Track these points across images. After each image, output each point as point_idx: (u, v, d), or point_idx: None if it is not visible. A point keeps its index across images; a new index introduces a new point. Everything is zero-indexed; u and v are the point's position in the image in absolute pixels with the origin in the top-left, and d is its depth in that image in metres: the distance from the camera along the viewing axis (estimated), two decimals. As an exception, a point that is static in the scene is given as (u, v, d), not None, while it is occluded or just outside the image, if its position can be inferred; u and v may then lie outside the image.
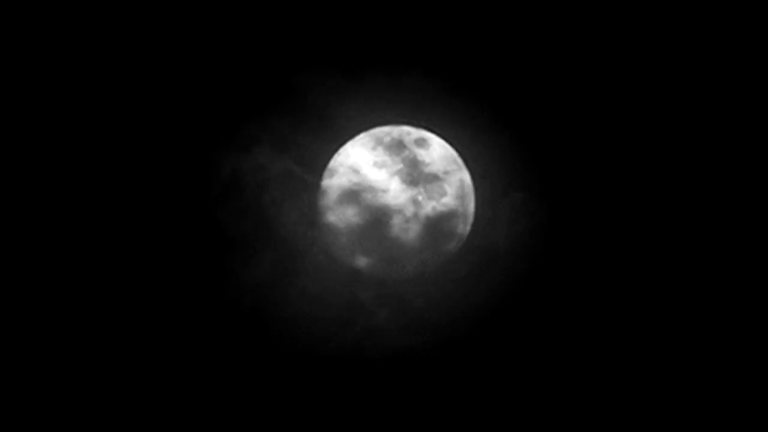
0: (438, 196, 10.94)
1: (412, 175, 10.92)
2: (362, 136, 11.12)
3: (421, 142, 11.11)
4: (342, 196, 10.85)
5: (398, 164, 10.94)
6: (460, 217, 11.06)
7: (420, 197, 10.88)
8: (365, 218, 10.76)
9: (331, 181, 10.94)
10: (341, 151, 11.07)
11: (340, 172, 10.93)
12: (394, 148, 11.00)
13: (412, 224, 10.80)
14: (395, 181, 10.88)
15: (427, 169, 10.98)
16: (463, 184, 11.14)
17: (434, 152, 11.11)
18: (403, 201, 10.83)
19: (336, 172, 10.95)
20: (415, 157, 11.00)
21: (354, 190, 10.82)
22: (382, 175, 10.88)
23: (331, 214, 10.88)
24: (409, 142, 11.06)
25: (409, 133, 11.15)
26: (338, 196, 10.86)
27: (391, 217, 10.75)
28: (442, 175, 11.02)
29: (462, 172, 11.18)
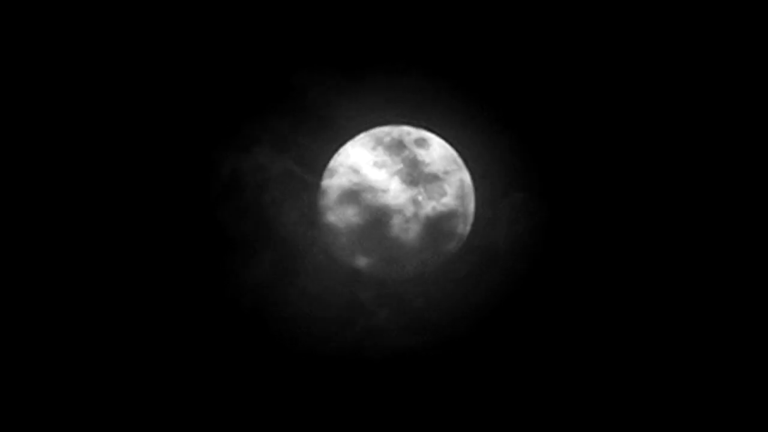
0: (438, 196, 10.94)
1: (412, 175, 10.92)
2: (362, 136, 11.12)
3: (421, 142, 11.10)
4: (342, 196, 10.84)
5: (398, 164, 10.94)
6: (460, 217, 11.06)
7: (420, 197, 10.88)
8: (365, 218, 10.76)
9: (331, 181, 10.94)
10: (341, 151, 11.07)
11: (340, 172, 10.93)
12: (394, 148, 11.00)
13: (412, 224, 10.80)
14: (395, 181, 10.87)
15: (427, 169, 10.98)
16: (463, 184, 11.13)
17: (434, 152, 11.11)
18: (403, 201, 10.83)
19: (336, 172, 10.94)
20: (415, 157, 11.00)
21: (354, 190, 10.82)
22: (382, 175, 10.88)
23: (331, 214, 10.88)
24: (409, 142, 11.05)
25: (409, 133, 11.15)
26: (338, 196, 10.86)
27: (391, 217, 10.75)
28: (442, 175, 11.02)
29: (462, 172, 11.18)
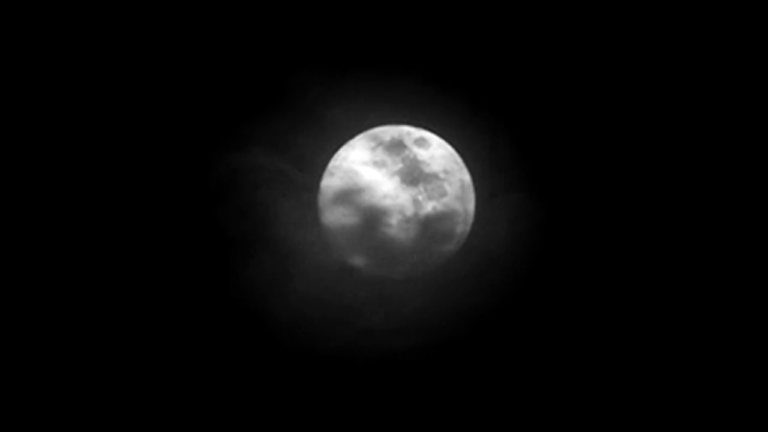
0: (438, 196, 10.93)
1: (412, 175, 10.91)
2: (362, 136, 11.11)
3: (421, 142, 11.09)
4: (341, 196, 10.84)
5: (398, 164, 10.93)
6: (460, 217, 11.04)
7: (420, 197, 10.87)
8: (364, 218, 10.75)
9: (330, 181, 10.93)
10: (340, 151, 11.06)
11: (339, 172, 10.92)
12: (394, 148, 10.99)
13: (412, 224, 10.78)
14: (395, 181, 10.87)
15: (427, 169, 10.97)
16: (463, 184, 11.12)
17: (434, 152, 11.10)
18: (403, 201, 10.82)
19: (335, 172, 10.93)
20: (415, 157, 10.99)
21: (353, 190, 10.81)
22: (382, 175, 10.88)
23: (330, 214, 10.87)
24: (409, 142, 11.05)
25: (409, 133, 11.14)
26: (337, 196, 10.85)
27: (390, 217, 10.74)
28: (442, 175, 11.01)
29: (462, 172, 11.17)
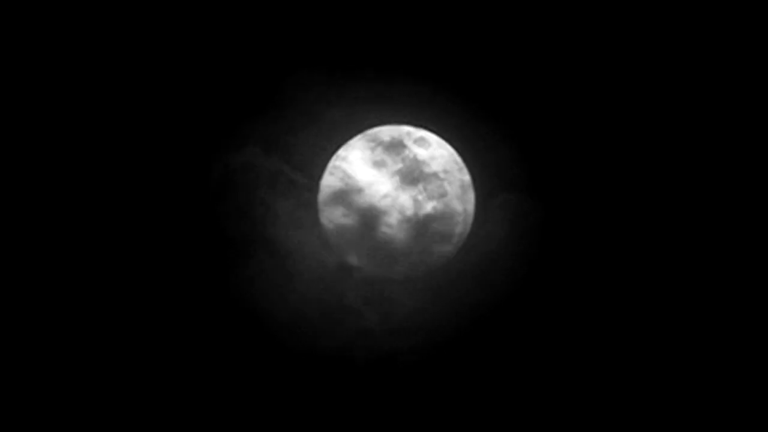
0: (438, 196, 10.94)
1: (412, 175, 10.92)
2: (361, 136, 11.12)
3: (421, 142, 11.10)
4: (341, 195, 10.85)
5: (398, 164, 10.95)
6: (460, 217, 11.05)
7: (420, 197, 10.88)
8: (364, 218, 10.77)
9: (330, 181, 10.94)
10: (340, 151, 11.07)
11: (338, 172, 10.93)
12: (394, 148, 11.01)
13: (411, 224, 10.80)
14: (395, 181, 10.88)
15: (427, 169, 10.98)
16: (463, 184, 11.13)
17: (434, 152, 11.11)
18: (403, 201, 10.83)
19: (334, 172, 10.94)
20: (415, 156, 11.00)
21: (353, 190, 10.83)
22: (382, 175, 10.89)
23: (330, 214, 10.88)
24: (409, 142, 11.06)
25: (409, 133, 11.15)
26: (337, 195, 10.86)
27: (390, 217, 10.75)
28: (442, 175, 11.02)
29: (462, 172, 11.17)
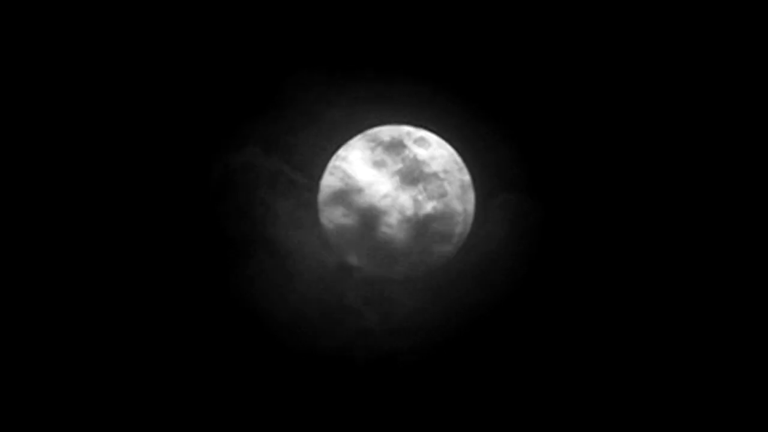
0: (438, 196, 10.95)
1: (412, 175, 10.93)
2: (361, 136, 11.12)
3: (421, 142, 11.11)
4: (341, 195, 10.85)
5: (398, 164, 10.95)
6: (460, 217, 11.06)
7: (420, 197, 10.89)
8: (364, 218, 10.77)
9: (330, 181, 10.94)
10: (340, 151, 11.07)
11: (338, 172, 10.93)
12: (394, 148, 11.01)
13: (411, 224, 10.80)
14: (395, 181, 10.88)
15: (427, 169, 10.99)
16: (463, 184, 11.13)
17: (434, 152, 11.11)
18: (403, 201, 10.84)
19: (334, 172, 10.95)
20: (415, 156, 11.00)
21: (353, 190, 10.83)
22: (382, 175, 10.89)
23: (330, 214, 10.88)
24: (409, 142, 11.06)
25: (409, 133, 11.15)
26: (337, 195, 10.87)
27: (390, 217, 10.76)
28: (442, 175, 11.02)
29: (462, 172, 11.18)
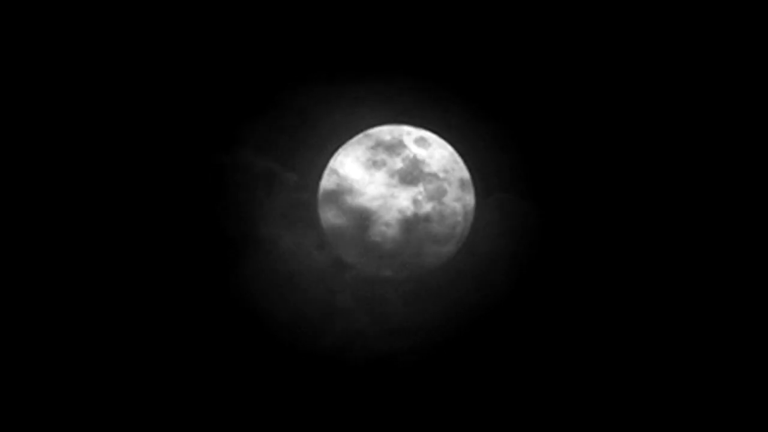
0: (437, 196, 10.96)
1: (411, 175, 10.93)
2: (361, 136, 11.14)
3: (421, 142, 11.12)
4: (339, 195, 10.86)
5: (398, 164, 10.96)
6: (459, 217, 11.06)
7: (420, 197, 10.89)
8: (362, 218, 10.78)
9: (329, 181, 10.96)
10: (341, 151, 11.09)
11: (337, 172, 10.95)
12: (394, 148, 11.02)
13: (410, 224, 10.81)
14: (394, 181, 10.89)
15: (426, 169, 11.00)
16: (462, 184, 11.14)
17: (434, 152, 11.12)
18: (402, 201, 10.84)
19: (333, 173, 10.96)
20: (415, 157, 11.01)
21: (351, 190, 10.84)
22: (381, 175, 10.90)
23: (328, 214, 10.90)
24: (409, 142, 11.07)
25: (409, 133, 11.16)
26: (335, 195, 10.88)
27: (388, 217, 10.76)
28: (441, 175, 11.04)
29: (462, 171, 11.19)
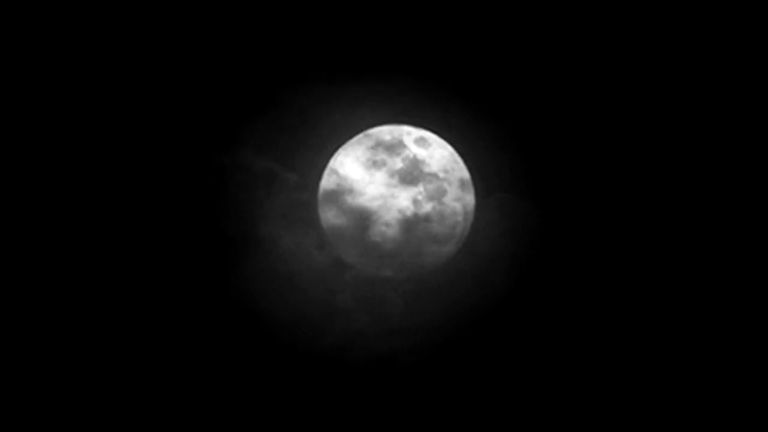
0: (437, 196, 10.96)
1: (412, 175, 10.93)
2: (361, 136, 11.14)
3: (421, 142, 11.12)
4: (339, 196, 10.86)
5: (398, 164, 10.96)
6: (459, 217, 11.07)
7: (420, 197, 10.89)
8: (361, 218, 10.78)
9: (329, 181, 10.96)
10: (341, 151, 11.09)
11: (336, 172, 10.95)
12: (394, 148, 11.02)
13: (410, 224, 10.81)
14: (394, 181, 10.89)
15: (426, 169, 11.00)
16: (462, 184, 11.15)
17: (434, 152, 11.12)
18: (402, 201, 10.84)
19: (333, 173, 10.96)
20: (415, 157, 11.01)
21: (351, 191, 10.84)
22: (381, 175, 10.90)
23: (328, 214, 10.90)
24: (409, 142, 11.07)
25: (409, 133, 11.16)
26: (335, 196, 10.88)
27: (388, 217, 10.77)
28: (441, 175, 11.04)
29: (462, 171, 11.19)
